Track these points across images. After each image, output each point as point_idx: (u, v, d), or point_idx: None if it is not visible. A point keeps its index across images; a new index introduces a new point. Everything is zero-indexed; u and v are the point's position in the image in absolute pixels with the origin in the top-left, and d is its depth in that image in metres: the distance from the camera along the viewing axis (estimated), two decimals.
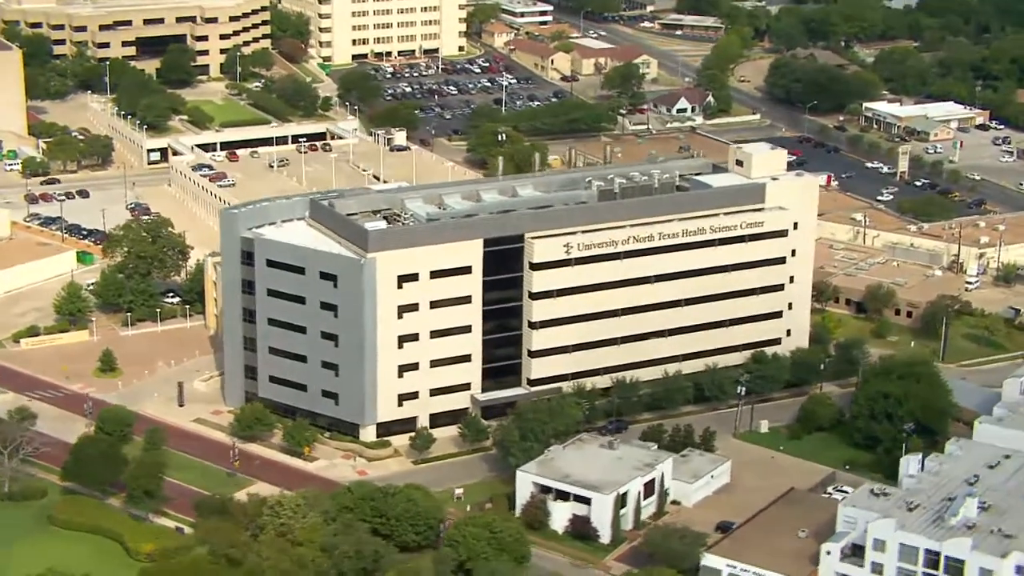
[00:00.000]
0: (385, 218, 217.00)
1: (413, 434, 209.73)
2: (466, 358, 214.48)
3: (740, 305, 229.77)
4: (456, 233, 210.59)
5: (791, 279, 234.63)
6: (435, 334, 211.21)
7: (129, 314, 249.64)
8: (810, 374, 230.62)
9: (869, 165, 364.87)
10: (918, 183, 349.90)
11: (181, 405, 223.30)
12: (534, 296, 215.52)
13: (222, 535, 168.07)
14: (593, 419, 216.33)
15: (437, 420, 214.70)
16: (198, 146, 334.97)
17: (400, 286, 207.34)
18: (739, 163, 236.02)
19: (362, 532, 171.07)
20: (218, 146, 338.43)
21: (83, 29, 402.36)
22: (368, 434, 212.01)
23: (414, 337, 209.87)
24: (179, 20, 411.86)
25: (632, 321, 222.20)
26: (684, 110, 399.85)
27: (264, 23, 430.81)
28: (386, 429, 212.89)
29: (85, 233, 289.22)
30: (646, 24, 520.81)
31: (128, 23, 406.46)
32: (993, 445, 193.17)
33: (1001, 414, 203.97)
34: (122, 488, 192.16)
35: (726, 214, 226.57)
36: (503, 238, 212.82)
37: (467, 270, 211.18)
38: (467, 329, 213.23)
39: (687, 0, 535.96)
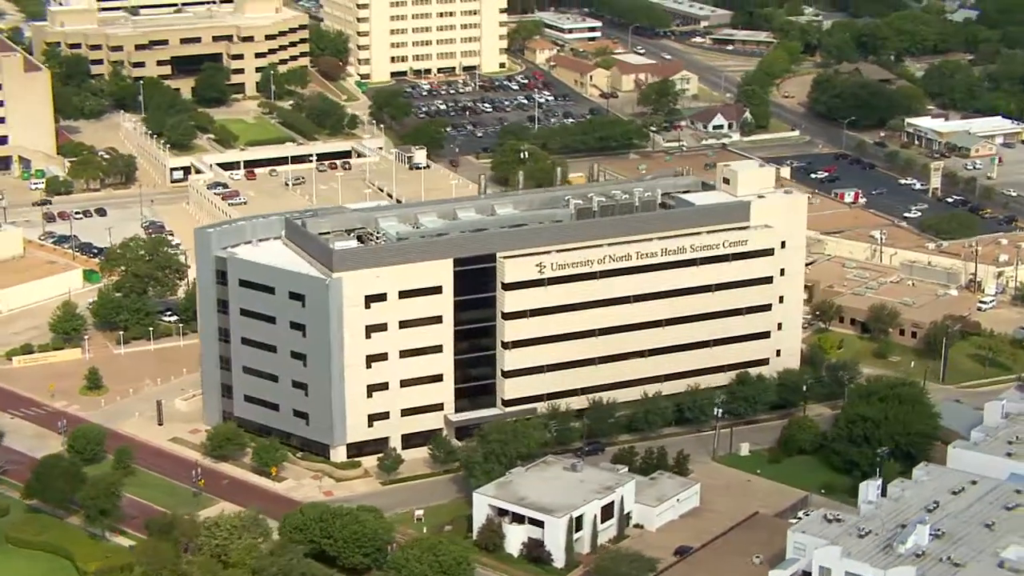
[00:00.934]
0: (359, 237, 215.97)
1: (381, 455, 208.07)
2: (438, 378, 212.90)
3: (725, 325, 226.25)
4: (425, 253, 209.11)
5: (780, 299, 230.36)
6: (405, 354, 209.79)
7: (124, 332, 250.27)
8: (796, 396, 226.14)
9: (902, 182, 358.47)
10: (949, 200, 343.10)
11: (160, 424, 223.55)
12: (507, 316, 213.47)
13: (157, 555, 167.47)
14: (568, 440, 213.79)
15: (411, 440, 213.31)
16: (220, 165, 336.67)
17: (368, 306, 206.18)
18: (726, 181, 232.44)
19: (297, 554, 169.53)
20: (241, 165, 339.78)
21: (119, 49, 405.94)
22: (339, 454, 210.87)
23: (383, 357, 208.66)
24: (216, 39, 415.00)
25: (610, 341, 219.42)
26: (720, 127, 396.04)
27: (302, 41, 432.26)
28: (357, 450, 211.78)
29: (96, 252, 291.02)
30: (697, 39, 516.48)
31: (165, 43, 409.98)
32: (962, 471, 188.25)
33: (978, 438, 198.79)
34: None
35: (708, 232, 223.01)
36: (474, 258, 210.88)
37: (437, 290, 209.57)
38: (438, 349, 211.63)
39: (741, 15, 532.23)
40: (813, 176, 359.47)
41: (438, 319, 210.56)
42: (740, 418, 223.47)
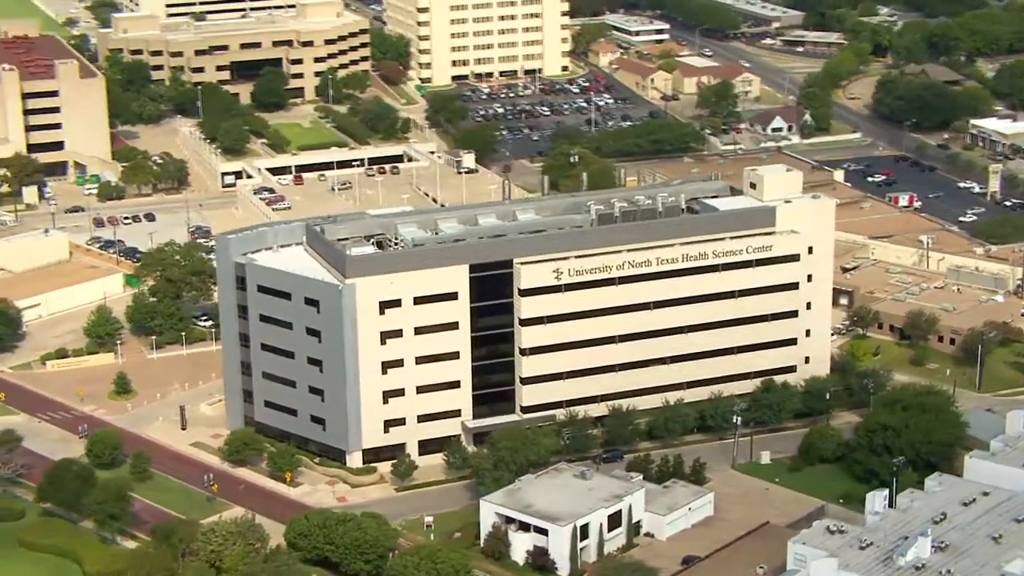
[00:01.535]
0: (378, 243, 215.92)
1: (395, 461, 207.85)
2: (455, 384, 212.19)
3: (750, 332, 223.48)
4: (440, 259, 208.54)
5: (808, 305, 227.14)
6: (421, 360, 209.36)
7: (157, 337, 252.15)
8: (821, 404, 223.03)
9: (961, 185, 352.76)
10: (1008, 203, 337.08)
11: (183, 428, 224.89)
12: (524, 322, 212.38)
13: (150, 560, 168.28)
14: (586, 448, 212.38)
15: (429, 447, 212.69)
16: (270, 169, 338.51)
17: (382, 312, 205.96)
18: (752, 186, 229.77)
19: (291, 560, 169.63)
20: (292, 169, 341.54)
21: (180, 55, 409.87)
22: (355, 460, 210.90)
23: (398, 363, 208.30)
24: (276, 44, 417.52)
25: (630, 348, 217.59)
26: (779, 129, 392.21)
27: (363, 46, 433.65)
28: (375, 455, 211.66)
29: (139, 256, 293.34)
30: (767, 41, 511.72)
31: (225, 48, 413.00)
32: (976, 482, 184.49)
33: (998, 448, 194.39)
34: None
35: (732, 238, 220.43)
36: (490, 263, 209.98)
37: (453, 296, 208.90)
38: (455, 355, 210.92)
39: (813, 16, 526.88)
40: (870, 179, 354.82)
41: (454, 325, 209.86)
42: (764, 426, 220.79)
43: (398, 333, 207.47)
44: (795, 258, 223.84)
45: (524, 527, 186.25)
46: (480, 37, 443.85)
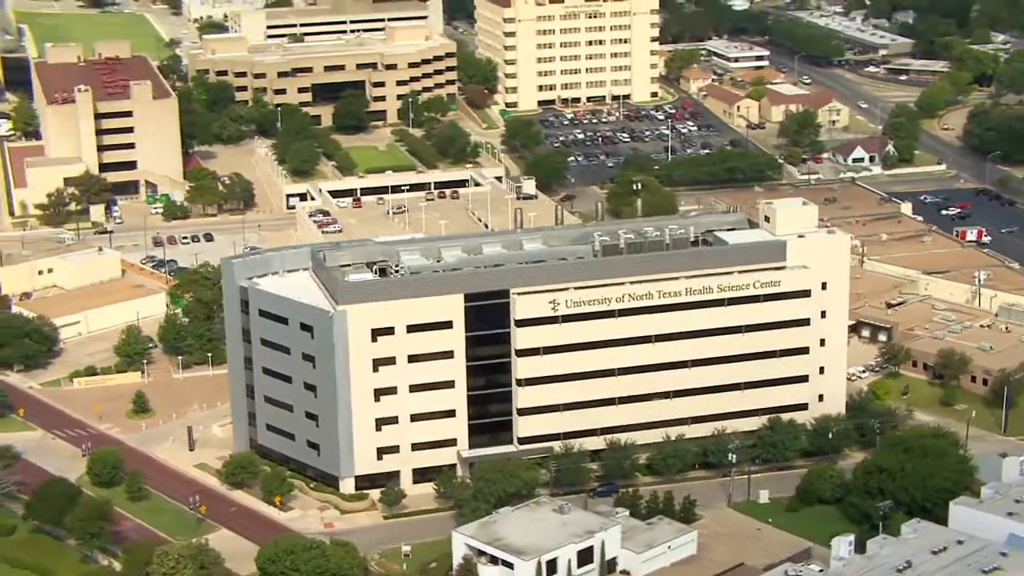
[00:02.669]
0: (381, 270, 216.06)
1: (384, 489, 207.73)
2: (450, 413, 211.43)
3: (758, 368, 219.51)
4: (434, 287, 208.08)
5: (822, 342, 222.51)
6: (415, 388, 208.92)
7: (184, 357, 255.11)
8: (829, 443, 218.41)
9: None
10: None
11: (191, 449, 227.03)
12: (520, 353, 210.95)
13: None
14: (580, 481, 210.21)
15: (427, 475, 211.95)
16: (333, 192, 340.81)
17: (375, 339, 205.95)
18: (767, 219, 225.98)
19: None
20: (357, 192, 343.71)
21: (263, 76, 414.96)
22: (348, 486, 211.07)
23: (392, 391, 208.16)
24: (359, 67, 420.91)
25: (631, 381, 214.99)
26: (860, 159, 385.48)
27: (449, 69, 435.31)
28: (370, 482, 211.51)
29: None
30: (871, 69, 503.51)
31: (309, 70, 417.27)
32: (955, 530, 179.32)
33: (988, 495, 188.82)
34: None
35: (740, 272, 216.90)
36: (485, 293, 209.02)
37: (447, 324, 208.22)
38: (450, 384, 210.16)
39: (922, 44, 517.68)
40: (944, 212, 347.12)
41: (449, 354, 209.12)
42: (771, 464, 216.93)
43: (391, 360, 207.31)
44: (806, 294, 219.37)
45: (493, 560, 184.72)
46: (567, 62, 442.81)
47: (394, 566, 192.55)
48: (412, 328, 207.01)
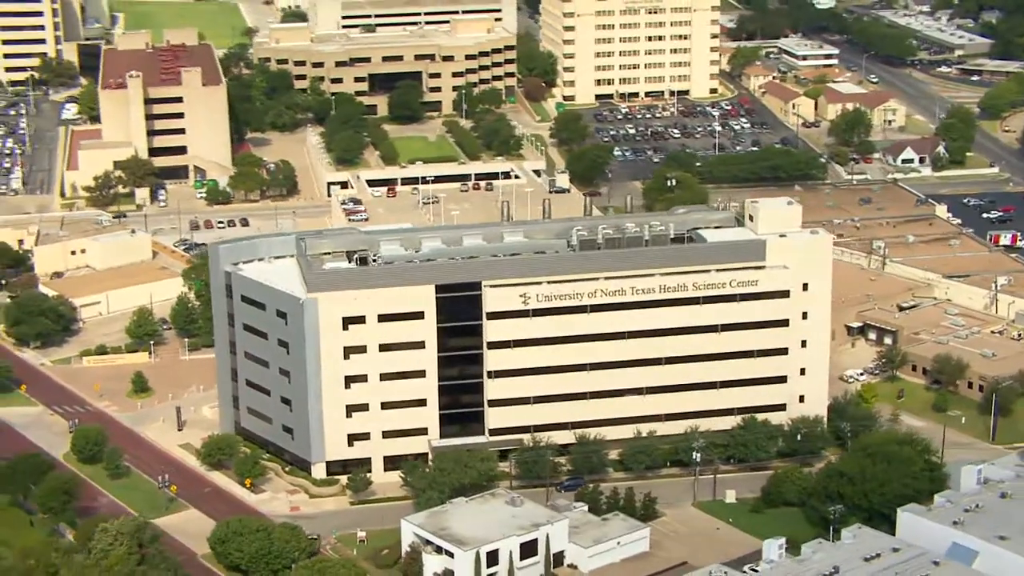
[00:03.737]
0: (361, 259, 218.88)
1: (350, 475, 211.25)
2: (421, 402, 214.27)
3: (734, 367, 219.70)
4: (406, 277, 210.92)
5: (802, 343, 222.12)
6: (385, 376, 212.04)
7: (193, 339, 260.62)
8: (802, 444, 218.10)
9: None
10: None
11: (180, 430, 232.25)
12: (491, 345, 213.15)
13: (35, 554, 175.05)
14: (545, 474, 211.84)
15: (397, 463, 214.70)
16: (372, 181, 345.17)
17: (346, 327, 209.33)
18: (750, 218, 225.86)
19: (171, 566, 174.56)
20: (399, 181, 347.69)
21: (321, 65, 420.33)
22: (319, 471, 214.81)
23: (362, 378, 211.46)
24: (417, 58, 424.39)
25: (603, 376, 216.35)
26: (910, 160, 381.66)
27: (508, 62, 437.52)
28: (342, 468, 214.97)
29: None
30: (943, 69, 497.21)
31: (367, 60, 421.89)
32: (896, 538, 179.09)
33: (939, 503, 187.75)
34: None
35: (717, 271, 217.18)
36: (456, 284, 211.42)
37: (419, 315, 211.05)
38: (420, 374, 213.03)
39: (1000, 44, 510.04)
40: (985, 215, 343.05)
41: (420, 344, 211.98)
42: (744, 463, 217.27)
43: (362, 349, 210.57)
44: (784, 294, 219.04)
45: (439, 549, 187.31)
46: (626, 57, 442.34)
47: (347, 551, 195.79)
48: (383, 317, 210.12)
